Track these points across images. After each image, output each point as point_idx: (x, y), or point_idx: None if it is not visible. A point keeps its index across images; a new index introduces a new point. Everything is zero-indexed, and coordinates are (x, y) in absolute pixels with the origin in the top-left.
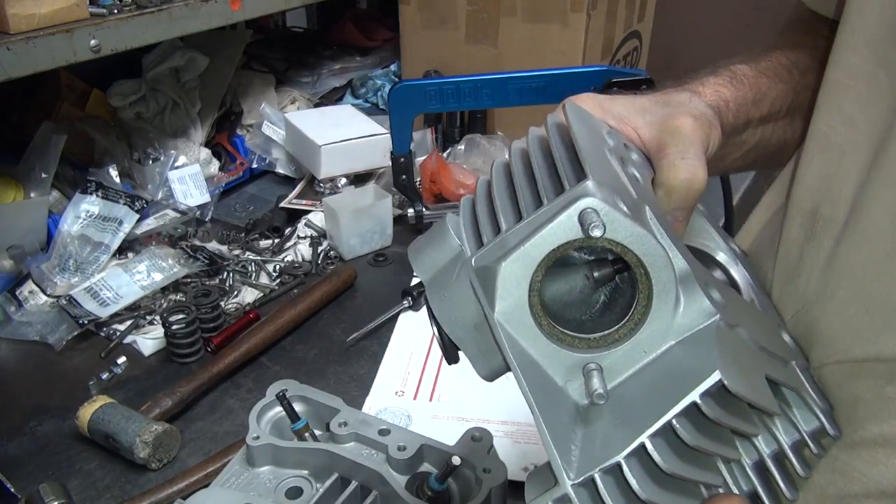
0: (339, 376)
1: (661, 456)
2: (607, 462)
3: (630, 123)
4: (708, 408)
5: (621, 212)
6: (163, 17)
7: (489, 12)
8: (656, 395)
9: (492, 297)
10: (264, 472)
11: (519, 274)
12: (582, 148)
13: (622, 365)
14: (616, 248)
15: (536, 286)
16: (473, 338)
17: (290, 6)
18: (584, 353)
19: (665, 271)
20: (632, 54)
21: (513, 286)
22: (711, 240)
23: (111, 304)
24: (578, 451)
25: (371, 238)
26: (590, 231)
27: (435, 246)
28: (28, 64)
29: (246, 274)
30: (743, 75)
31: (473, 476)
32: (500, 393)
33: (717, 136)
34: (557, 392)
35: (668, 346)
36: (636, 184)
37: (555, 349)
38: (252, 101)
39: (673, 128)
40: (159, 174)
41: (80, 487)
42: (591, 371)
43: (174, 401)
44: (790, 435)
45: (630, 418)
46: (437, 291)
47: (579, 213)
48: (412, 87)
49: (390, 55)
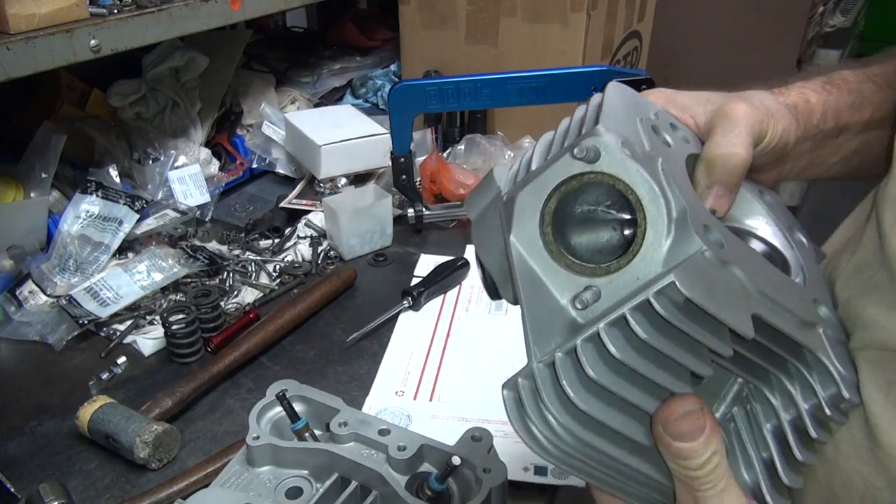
0: (339, 376)
1: (613, 344)
2: (567, 345)
3: (691, 112)
4: (662, 307)
5: (622, 151)
6: (163, 17)
7: (489, 12)
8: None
9: (510, 223)
10: (264, 472)
11: (532, 203)
12: (606, 108)
13: (617, 289)
14: (617, 183)
15: (549, 215)
16: (500, 264)
17: (290, 6)
18: (587, 278)
19: (657, 205)
20: (632, 54)
21: (527, 214)
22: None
23: (111, 304)
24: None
25: (371, 238)
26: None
27: (482, 190)
28: (28, 64)
29: (246, 274)
30: (842, 79)
31: (473, 476)
32: (501, 393)
33: (781, 128)
34: (556, 306)
35: (658, 273)
36: (661, 146)
37: (561, 272)
38: (252, 101)
39: (724, 111)
40: (159, 174)
41: (80, 487)
42: (587, 289)
43: (174, 401)
44: (808, 398)
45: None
46: (478, 226)
47: (585, 148)
48: (412, 87)
49: (390, 55)
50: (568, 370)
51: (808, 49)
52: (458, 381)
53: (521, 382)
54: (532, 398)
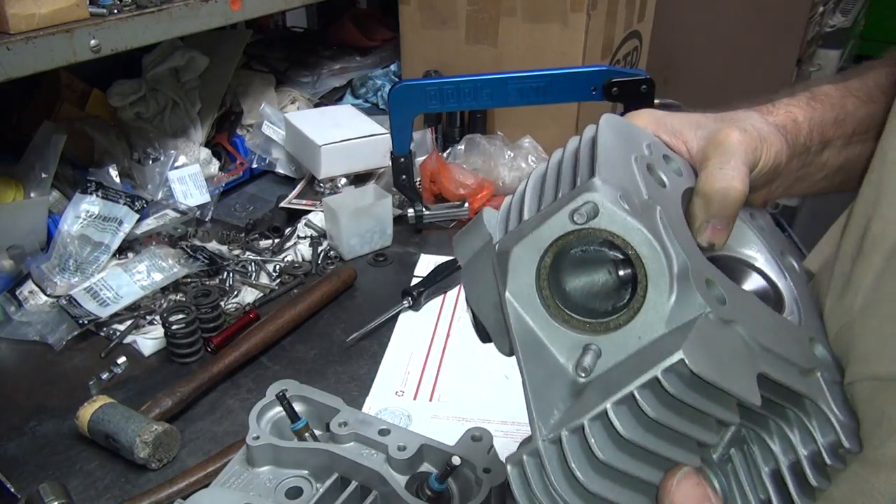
0: (339, 376)
1: (621, 423)
2: (573, 423)
3: (682, 137)
4: (670, 384)
5: (620, 207)
6: (163, 17)
7: (489, 12)
8: (634, 373)
9: (504, 277)
10: (264, 472)
11: (528, 258)
12: (600, 151)
13: (619, 349)
14: (616, 239)
15: (545, 270)
16: (495, 316)
17: (290, 6)
18: (587, 335)
19: (658, 263)
20: (632, 54)
21: (523, 268)
22: (758, 251)
23: (111, 304)
24: (559, 416)
25: (371, 238)
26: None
27: (471, 234)
28: (28, 64)
29: (246, 274)
30: (824, 94)
31: (473, 476)
32: (501, 393)
33: (773, 152)
34: (556, 367)
35: (661, 334)
36: (657, 188)
37: (559, 329)
38: (252, 101)
39: (718, 140)
40: (159, 174)
41: (80, 487)
42: (588, 350)
43: (174, 401)
44: (807, 445)
45: (607, 390)
46: (469, 274)
47: (580, 204)
48: (412, 87)
49: (390, 55)
50: (575, 449)
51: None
52: (458, 381)
53: (526, 460)
54: (538, 476)
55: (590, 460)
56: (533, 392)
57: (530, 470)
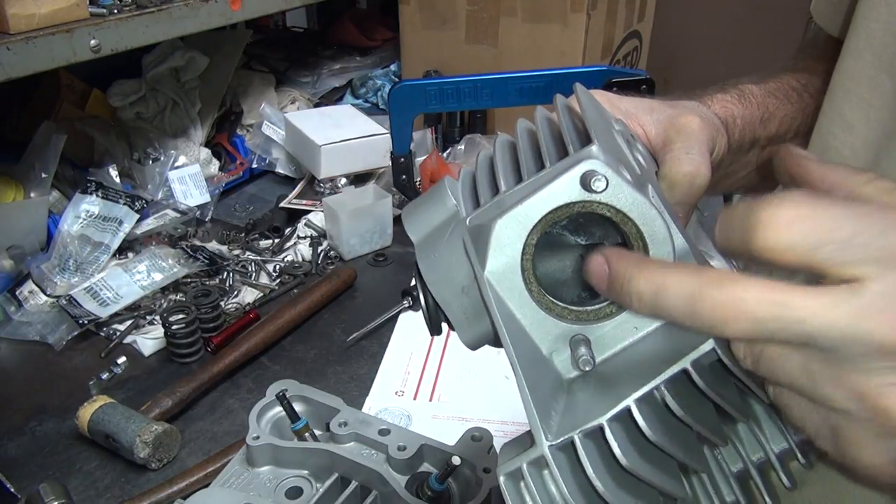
0: (339, 376)
1: (646, 423)
2: (589, 424)
3: (638, 120)
4: (699, 377)
5: (625, 178)
6: (163, 17)
7: (489, 12)
8: (645, 365)
9: (483, 255)
10: (264, 472)
11: (514, 233)
12: (590, 118)
13: (611, 339)
14: (616, 215)
15: (530, 249)
16: (460, 301)
17: (290, 6)
18: (573, 325)
19: (664, 245)
20: (632, 54)
21: (506, 245)
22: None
23: (111, 304)
24: (559, 418)
25: (371, 238)
26: (592, 186)
27: (430, 206)
28: (28, 64)
29: (246, 274)
30: (751, 94)
31: (473, 476)
32: (500, 393)
33: (724, 143)
34: (542, 360)
35: (661, 323)
36: (640, 167)
37: (543, 316)
38: (252, 101)
39: (680, 125)
40: (159, 174)
41: (80, 487)
42: (578, 341)
43: (174, 401)
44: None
45: (616, 386)
46: (427, 252)
47: (582, 173)
48: (412, 87)
49: (390, 55)
50: (593, 455)
51: None
52: (458, 381)
53: (526, 469)
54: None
55: (609, 468)
56: (531, 390)
57: (533, 481)
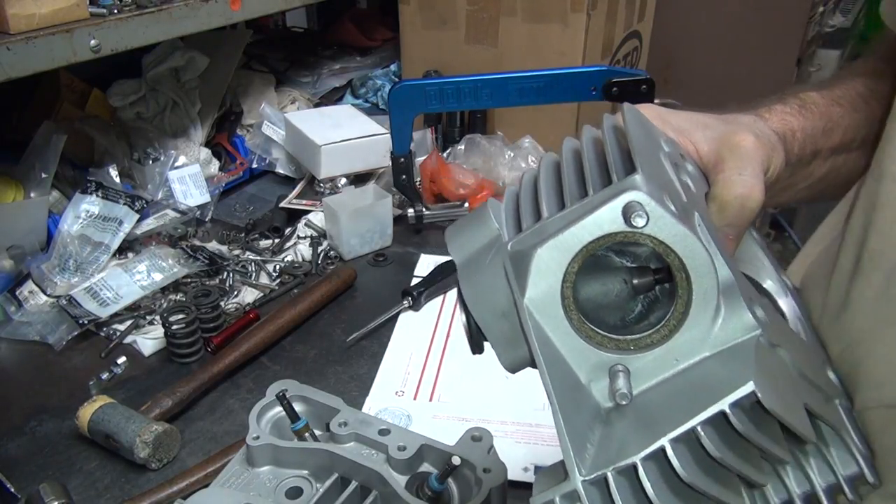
0: (339, 376)
1: (680, 463)
2: (622, 462)
3: (690, 137)
4: (738, 420)
5: (668, 209)
6: (163, 17)
7: (489, 12)
8: (683, 402)
9: (523, 282)
10: (264, 472)
11: (554, 261)
12: (636, 144)
13: (651, 371)
14: (658, 246)
15: (571, 277)
16: (500, 325)
17: (290, 6)
18: (613, 354)
19: (708, 277)
20: (632, 54)
21: (547, 273)
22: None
23: (111, 304)
24: (594, 451)
25: (371, 238)
26: (633, 221)
27: (473, 228)
28: (28, 64)
29: (246, 274)
30: (813, 104)
31: (473, 476)
32: (500, 393)
33: (780, 161)
34: (579, 389)
35: (703, 356)
36: (688, 191)
37: (582, 345)
38: (252, 101)
39: (733, 143)
40: (159, 174)
41: (80, 487)
42: (617, 372)
43: (174, 401)
44: (825, 477)
45: (652, 422)
46: (468, 274)
47: (624, 204)
48: (412, 87)
49: (390, 55)
50: (625, 493)
51: (808, 49)
52: (458, 381)
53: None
54: None
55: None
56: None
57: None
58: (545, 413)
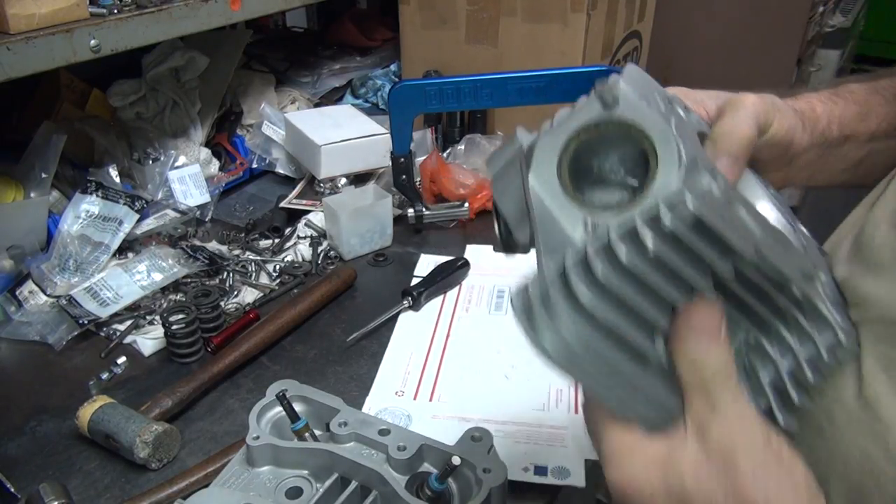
0: (339, 376)
1: (621, 252)
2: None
3: (704, 105)
4: (669, 221)
5: (638, 99)
6: (163, 17)
7: (489, 12)
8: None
9: (529, 165)
10: (264, 472)
11: (551, 145)
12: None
13: (627, 224)
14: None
15: (566, 158)
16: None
17: (290, 6)
18: (600, 215)
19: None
20: (632, 54)
21: (546, 156)
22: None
23: (111, 304)
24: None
25: (371, 238)
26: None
27: (504, 149)
28: (28, 64)
29: (246, 274)
30: (849, 91)
31: (473, 476)
32: (501, 393)
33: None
34: (565, 237)
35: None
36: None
37: (575, 210)
38: (252, 101)
39: (733, 99)
40: (159, 174)
41: (80, 487)
42: (596, 224)
43: (174, 401)
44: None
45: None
46: (498, 178)
47: (601, 92)
48: (412, 87)
49: (390, 55)
50: (579, 275)
51: (808, 49)
52: (458, 381)
53: (531, 289)
54: (541, 304)
55: (593, 285)
56: (545, 246)
57: (534, 299)
58: (545, 413)
